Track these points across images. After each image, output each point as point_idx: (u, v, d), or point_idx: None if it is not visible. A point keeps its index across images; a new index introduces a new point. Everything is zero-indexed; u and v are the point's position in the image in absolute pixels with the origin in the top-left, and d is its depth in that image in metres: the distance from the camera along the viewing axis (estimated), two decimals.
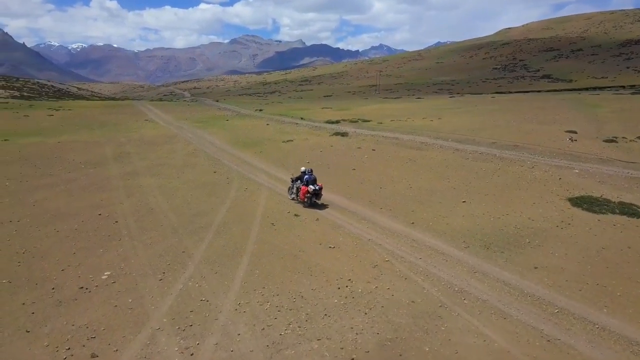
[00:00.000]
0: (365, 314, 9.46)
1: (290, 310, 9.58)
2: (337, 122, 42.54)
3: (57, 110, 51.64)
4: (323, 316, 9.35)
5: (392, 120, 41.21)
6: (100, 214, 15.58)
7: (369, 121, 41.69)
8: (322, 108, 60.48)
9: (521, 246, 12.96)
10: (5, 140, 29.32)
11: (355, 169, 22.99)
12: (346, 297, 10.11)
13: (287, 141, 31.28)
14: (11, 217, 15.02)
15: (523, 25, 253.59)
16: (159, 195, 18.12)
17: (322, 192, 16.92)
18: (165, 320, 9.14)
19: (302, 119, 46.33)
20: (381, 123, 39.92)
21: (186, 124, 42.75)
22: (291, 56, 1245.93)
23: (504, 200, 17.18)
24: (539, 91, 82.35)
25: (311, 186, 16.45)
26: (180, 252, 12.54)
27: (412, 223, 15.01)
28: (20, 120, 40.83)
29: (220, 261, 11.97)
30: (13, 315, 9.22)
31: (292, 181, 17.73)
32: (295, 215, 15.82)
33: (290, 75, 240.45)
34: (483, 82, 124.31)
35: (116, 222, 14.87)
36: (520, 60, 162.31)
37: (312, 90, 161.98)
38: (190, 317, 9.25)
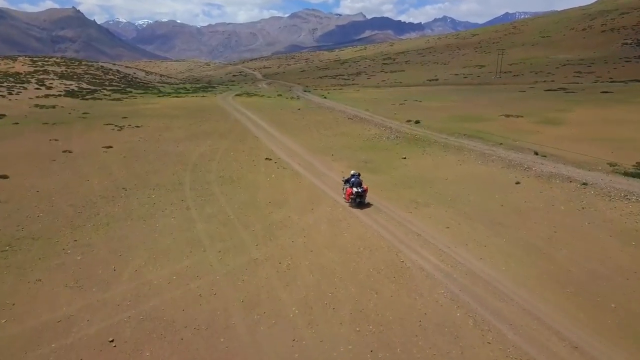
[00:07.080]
0: None
1: None
2: (635, 175, 20.55)
3: (119, 129, 32.64)
4: None
5: None
6: None
7: None
8: (506, 116, 38.62)
9: None
10: None
11: None
12: None
13: None
14: None
15: None
16: None
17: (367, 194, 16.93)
18: None
19: (530, 151, 24.87)
20: None
21: (340, 169, 22.44)
22: (351, 30, 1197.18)
23: None
24: None
25: (355, 188, 16.65)
26: None
27: None
28: (52, 174, 20.67)
29: None
30: None
31: (344, 182, 17.76)
32: None
33: (367, 52, 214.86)
34: (627, 61, 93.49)
35: None
36: None
37: (403, 71, 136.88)
38: None
